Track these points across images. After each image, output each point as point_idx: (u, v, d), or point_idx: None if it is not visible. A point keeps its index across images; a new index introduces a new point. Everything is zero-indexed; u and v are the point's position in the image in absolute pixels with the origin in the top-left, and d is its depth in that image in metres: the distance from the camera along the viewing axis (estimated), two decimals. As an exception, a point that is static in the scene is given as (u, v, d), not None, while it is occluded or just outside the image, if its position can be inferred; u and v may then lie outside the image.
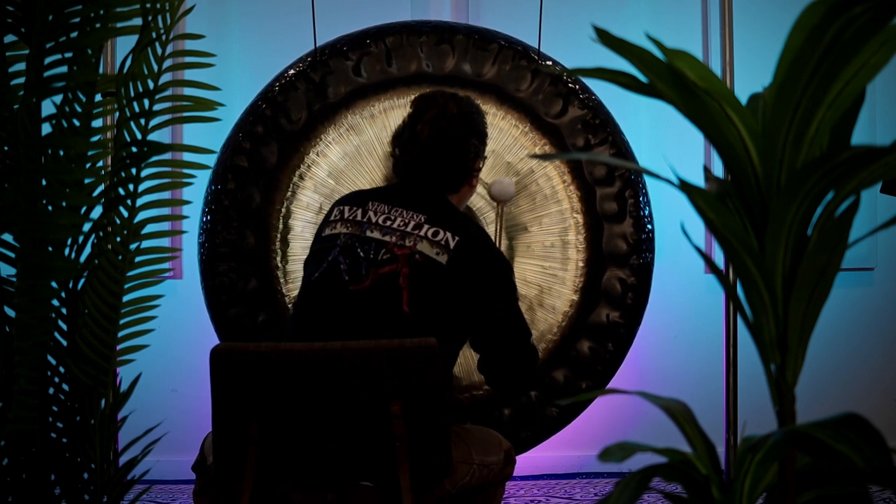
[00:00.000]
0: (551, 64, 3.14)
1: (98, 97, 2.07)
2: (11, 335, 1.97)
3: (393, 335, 2.21)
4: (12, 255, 2.01)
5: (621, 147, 3.14)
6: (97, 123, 2.09)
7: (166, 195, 2.21)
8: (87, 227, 2.06)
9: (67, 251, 2.03)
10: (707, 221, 1.24)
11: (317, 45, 3.12)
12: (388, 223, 2.48)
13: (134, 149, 2.03)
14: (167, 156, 2.17)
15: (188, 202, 2.25)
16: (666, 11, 4.05)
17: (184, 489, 3.77)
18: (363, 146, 3.10)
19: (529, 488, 3.86)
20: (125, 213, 2.05)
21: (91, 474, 2.02)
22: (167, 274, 2.49)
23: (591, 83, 3.17)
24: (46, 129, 2.03)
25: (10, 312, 1.99)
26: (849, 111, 1.29)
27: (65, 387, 2.04)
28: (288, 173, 3.11)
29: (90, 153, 2.06)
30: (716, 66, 3.13)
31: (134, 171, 2.03)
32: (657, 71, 1.23)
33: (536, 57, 3.13)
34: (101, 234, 2.04)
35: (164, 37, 2.04)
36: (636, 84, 1.24)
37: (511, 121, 3.11)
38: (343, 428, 2.19)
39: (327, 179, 3.09)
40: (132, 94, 2.03)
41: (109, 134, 2.14)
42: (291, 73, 3.14)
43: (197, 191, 2.84)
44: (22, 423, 1.97)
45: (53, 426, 2.03)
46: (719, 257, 3.67)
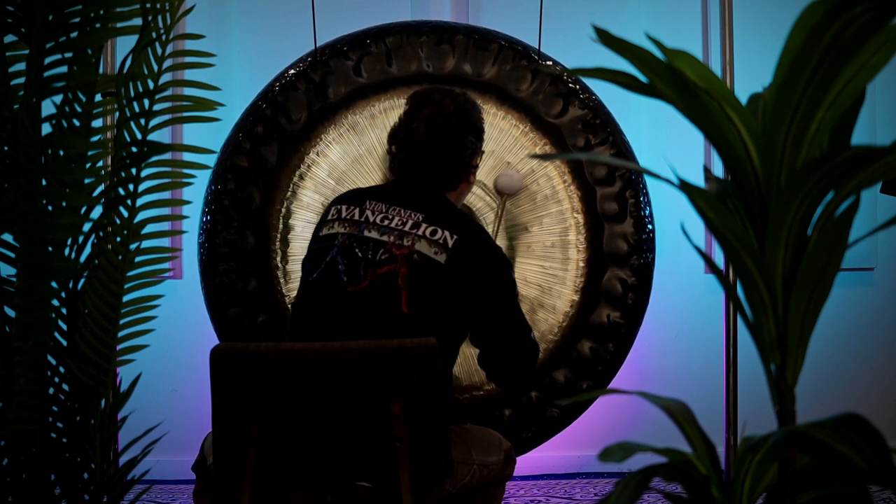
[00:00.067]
0: (551, 64, 3.14)
1: (98, 97, 2.07)
2: (11, 335, 1.97)
3: (392, 336, 2.21)
4: (12, 255, 2.00)
5: (622, 147, 3.14)
6: (97, 123, 2.09)
7: (166, 195, 2.21)
8: (87, 227, 2.06)
9: (67, 251, 2.03)
10: (707, 221, 1.24)
11: (317, 45, 3.12)
12: (386, 222, 2.47)
13: (134, 149, 2.03)
14: (167, 156, 2.17)
15: (188, 202, 2.25)
16: (666, 11, 4.05)
17: (184, 489, 3.77)
18: (363, 146, 3.10)
19: (529, 488, 3.86)
20: (125, 213, 2.05)
21: (91, 474, 2.02)
22: (167, 274, 2.49)
23: (592, 83, 3.17)
24: (46, 129, 2.03)
25: (10, 312, 1.99)
26: (849, 111, 1.29)
27: (65, 387, 2.04)
28: (288, 173, 3.11)
29: (90, 153, 2.06)
30: (716, 66, 3.13)
31: (134, 171, 2.03)
32: (657, 71, 1.23)
33: (537, 57, 3.13)
34: (101, 234, 2.04)
35: (164, 37, 2.04)
36: (636, 84, 1.24)
37: (511, 121, 3.11)
38: (343, 428, 2.19)
39: (327, 179, 3.09)
40: (132, 94, 2.03)
41: (109, 134, 2.14)
42: (291, 73, 3.14)
43: (197, 191, 2.84)
44: (22, 423, 1.97)
45: (53, 426, 2.03)
46: (719, 257, 3.67)
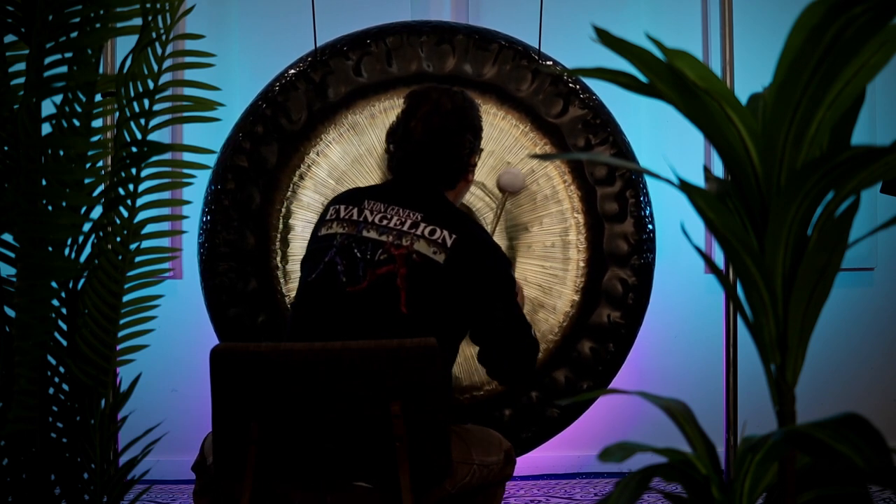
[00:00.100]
0: (551, 64, 3.14)
1: (98, 97, 2.07)
2: (11, 335, 1.97)
3: (391, 337, 2.20)
4: (12, 255, 2.01)
5: (622, 147, 3.14)
6: (97, 123, 2.09)
7: (166, 195, 2.21)
8: (87, 227, 2.06)
9: (67, 251, 2.03)
10: (707, 221, 1.23)
11: (317, 45, 3.12)
12: (385, 222, 2.46)
13: (134, 149, 2.03)
14: (167, 156, 2.17)
15: (188, 202, 2.25)
16: (666, 11, 4.05)
17: (184, 489, 3.77)
18: (364, 146, 3.10)
19: (529, 488, 3.86)
20: (125, 213, 2.05)
21: (91, 474, 2.02)
22: (167, 274, 2.49)
23: (592, 83, 3.17)
24: (46, 129, 2.03)
25: (10, 312, 1.99)
26: (849, 111, 1.29)
27: (65, 387, 2.04)
28: (288, 173, 3.11)
29: (90, 153, 2.06)
30: (716, 66, 3.13)
31: (134, 171, 2.03)
32: (657, 71, 1.23)
33: (537, 57, 3.12)
34: (101, 234, 2.04)
35: (164, 37, 2.04)
36: (636, 84, 1.24)
37: (511, 121, 3.11)
38: (343, 428, 2.19)
39: (327, 179, 3.09)
40: (132, 94, 2.03)
41: (109, 134, 2.14)
42: (292, 73, 3.14)
43: (197, 191, 2.84)
44: (22, 423, 1.97)
45: (53, 426, 2.03)
46: (719, 257, 3.67)
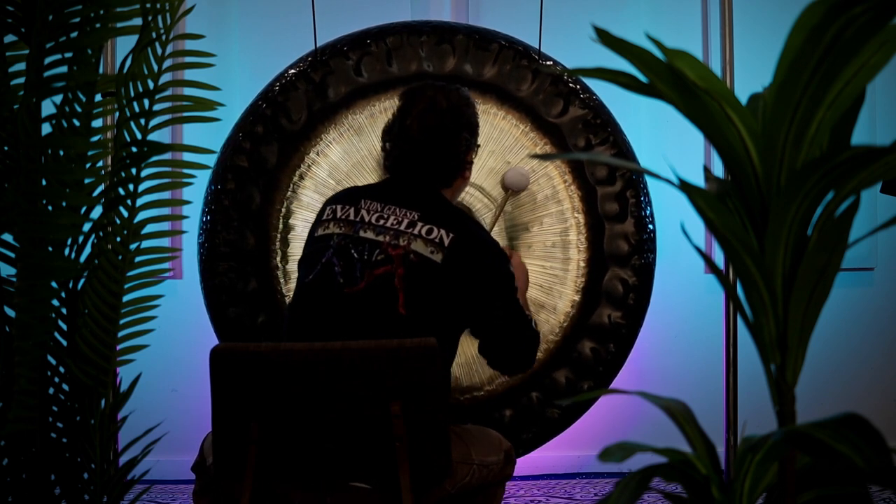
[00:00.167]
0: (552, 64, 3.14)
1: (98, 97, 2.07)
2: (11, 335, 1.97)
3: (390, 338, 2.20)
4: (12, 255, 2.01)
5: (622, 147, 3.13)
6: (97, 123, 2.09)
7: (166, 195, 2.21)
8: (87, 227, 2.06)
9: (67, 251, 2.03)
10: (707, 221, 1.23)
11: (317, 45, 3.12)
12: (382, 222, 2.45)
13: (134, 149, 2.03)
14: (167, 156, 2.17)
15: (188, 202, 2.25)
16: (666, 11, 4.05)
17: (184, 489, 3.77)
18: (364, 146, 3.10)
19: (529, 488, 3.86)
20: (125, 213, 2.05)
21: (91, 474, 2.02)
22: (167, 274, 2.49)
23: (592, 83, 3.17)
24: (46, 129, 2.03)
25: (10, 312, 1.99)
26: (849, 111, 1.29)
27: (65, 387, 2.04)
28: (288, 173, 3.10)
29: (90, 153, 2.06)
30: (716, 66, 3.13)
31: (134, 171, 2.03)
32: (657, 71, 1.23)
33: (537, 57, 3.12)
34: (101, 234, 2.04)
35: (164, 37, 2.04)
36: (636, 84, 1.24)
37: (512, 121, 3.11)
38: (343, 428, 2.19)
39: (328, 179, 3.09)
40: (132, 94, 2.03)
41: (109, 134, 2.14)
42: (292, 73, 3.14)
43: (197, 191, 2.84)
44: (22, 423, 1.97)
45: (53, 426, 2.03)
46: (719, 257, 3.67)
